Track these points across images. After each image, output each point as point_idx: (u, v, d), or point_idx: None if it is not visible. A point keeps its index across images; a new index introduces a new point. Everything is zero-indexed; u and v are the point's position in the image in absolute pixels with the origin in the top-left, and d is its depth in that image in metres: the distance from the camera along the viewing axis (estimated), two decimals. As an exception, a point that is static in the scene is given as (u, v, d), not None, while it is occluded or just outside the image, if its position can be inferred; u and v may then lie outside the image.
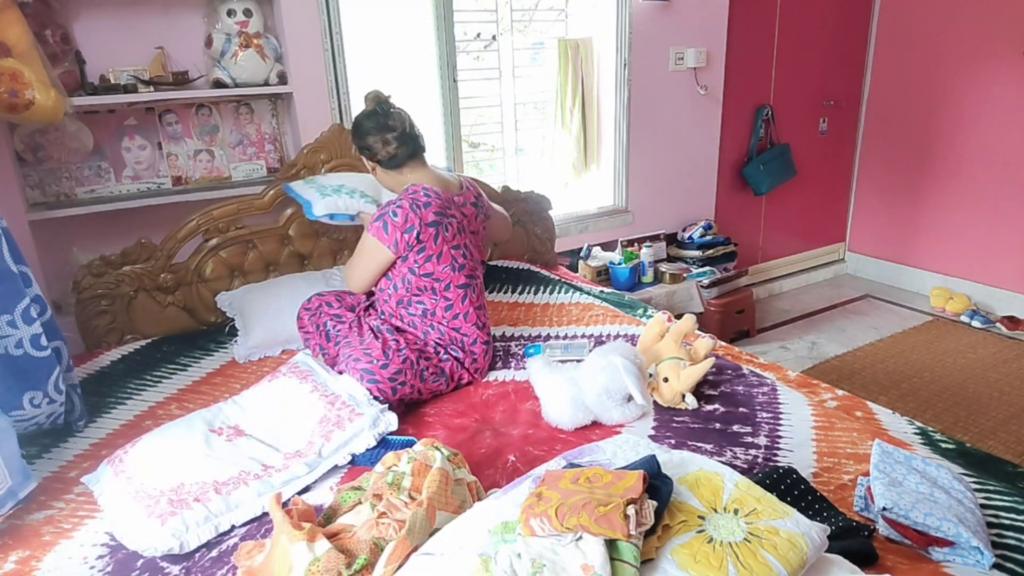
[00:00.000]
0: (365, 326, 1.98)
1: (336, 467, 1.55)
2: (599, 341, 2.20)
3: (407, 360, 1.83)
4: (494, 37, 3.17)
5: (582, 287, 2.77)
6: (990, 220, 3.96)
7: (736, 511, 1.08)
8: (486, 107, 3.26)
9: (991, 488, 1.40)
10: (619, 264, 3.44)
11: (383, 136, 1.91)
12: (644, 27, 3.39)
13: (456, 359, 1.96)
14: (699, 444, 1.60)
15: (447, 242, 1.93)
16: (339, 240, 2.62)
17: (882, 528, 1.25)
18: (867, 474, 1.38)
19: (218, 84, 2.47)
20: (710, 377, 1.91)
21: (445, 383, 1.93)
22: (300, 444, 1.59)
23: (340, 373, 1.82)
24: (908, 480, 1.30)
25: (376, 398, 1.74)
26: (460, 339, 1.98)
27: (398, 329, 1.97)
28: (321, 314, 2.10)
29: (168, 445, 1.54)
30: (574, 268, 3.45)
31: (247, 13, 2.46)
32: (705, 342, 1.90)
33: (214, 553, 1.31)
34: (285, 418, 1.67)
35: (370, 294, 2.20)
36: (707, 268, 3.65)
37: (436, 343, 1.96)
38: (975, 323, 3.83)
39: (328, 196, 2.16)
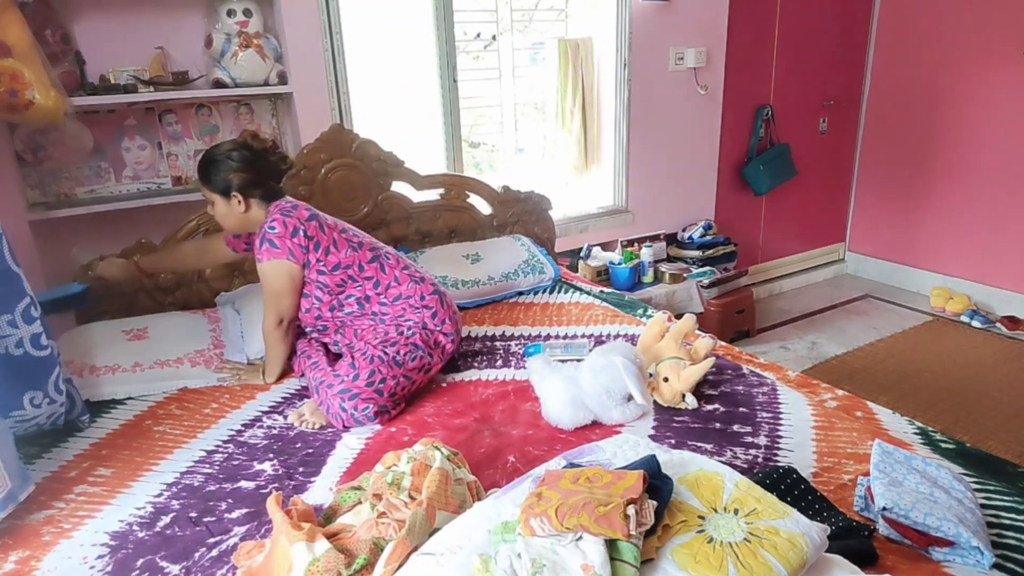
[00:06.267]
0: (323, 350, 1.96)
1: (336, 467, 1.55)
2: (599, 341, 2.20)
3: (373, 358, 1.80)
4: (494, 37, 3.17)
5: (582, 287, 2.77)
6: (990, 220, 3.95)
7: (736, 511, 1.08)
8: (486, 107, 3.26)
9: (991, 488, 1.40)
10: (619, 264, 3.43)
11: (274, 173, 1.92)
12: (644, 27, 3.39)
13: (419, 326, 1.90)
14: (699, 444, 1.60)
15: (333, 230, 1.90)
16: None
17: (882, 528, 1.25)
18: (867, 474, 1.38)
19: (218, 84, 2.47)
20: (710, 377, 1.91)
21: (426, 355, 1.88)
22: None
23: (320, 403, 1.79)
24: (908, 480, 1.30)
25: (366, 408, 1.74)
26: (406, 306, 1.92)
27: (352, 334, 1.92)
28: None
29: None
30: (574, 268, 3.45)
31: (247, 13, 2.46)
32: (705, 342, 1.90)
33: (214, 553, 1.31)
34: None
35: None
36: (707, 268, 3.65)
37: (393, 324, 1.90)
38: (975, 323, 3.83)
39: None
